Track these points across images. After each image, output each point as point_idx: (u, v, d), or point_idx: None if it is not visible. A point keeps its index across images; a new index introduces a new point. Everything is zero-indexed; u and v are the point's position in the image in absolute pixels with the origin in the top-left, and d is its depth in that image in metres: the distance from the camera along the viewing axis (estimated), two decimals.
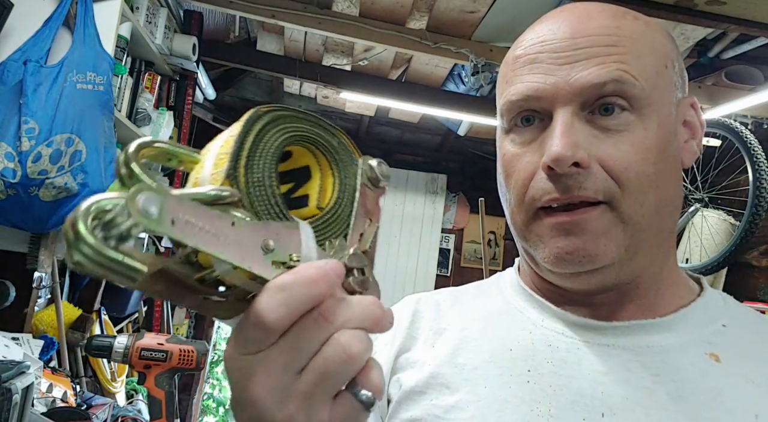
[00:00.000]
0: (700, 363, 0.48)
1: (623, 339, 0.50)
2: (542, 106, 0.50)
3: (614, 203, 0.48)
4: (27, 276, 1.94)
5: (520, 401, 0.49)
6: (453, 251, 4.33)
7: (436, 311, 0.60)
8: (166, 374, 1.49)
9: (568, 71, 0.49)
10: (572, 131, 0.48)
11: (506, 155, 0.53)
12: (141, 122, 2.32)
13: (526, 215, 0.51)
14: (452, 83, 3.24)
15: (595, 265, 0.49)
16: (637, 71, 0.48)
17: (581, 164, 0.47)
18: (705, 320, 0.52)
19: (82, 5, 1.75)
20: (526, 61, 0.51)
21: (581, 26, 0.50)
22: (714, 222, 2.77)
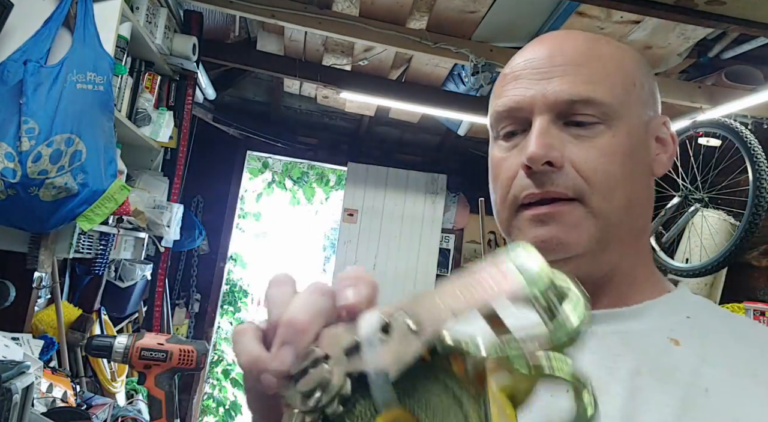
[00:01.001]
0: (660, 345, 0.54)
1: (593, 327, 0.55)
2: (523, 115, 0.57)
3: (584, 200, 0.54)
4: (27, 276, 1.94)
5: None
6: (453, 251, 4.33)
7: None
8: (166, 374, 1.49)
9: (545, 85, 0.56)
10: (547, 134, 0.55)
11: (493, 160, 0.61)
12: (141, 122, 2.32)
13: (509, 212, 0.58)
14: (452, 83, 3.24)
15: (568, 253, 0.55)
16: (606, 88, 0.55)
17: (554, 164, 0.54)
18: (670, 311, 0.57)
19: (82, 5, 1.75)
20: (511, 78, 0.59)
21: (559, 48, 0.58)
22: (714, 222, 2.77)
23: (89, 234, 2.00)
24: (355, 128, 4.34)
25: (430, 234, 4.25)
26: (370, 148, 4.36)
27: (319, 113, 4.24)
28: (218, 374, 4.60)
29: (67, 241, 1.84)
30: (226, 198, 4.08)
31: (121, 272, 2.80)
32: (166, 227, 2.42)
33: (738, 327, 0.57)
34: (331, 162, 4.40)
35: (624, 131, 0.56)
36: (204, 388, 4.31)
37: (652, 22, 2.24)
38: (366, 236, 4.21)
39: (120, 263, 2.79)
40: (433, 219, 4.26)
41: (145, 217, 2.30)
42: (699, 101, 2.73)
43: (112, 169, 1.78)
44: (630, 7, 2.00)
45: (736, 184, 2.54)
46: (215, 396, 4.53)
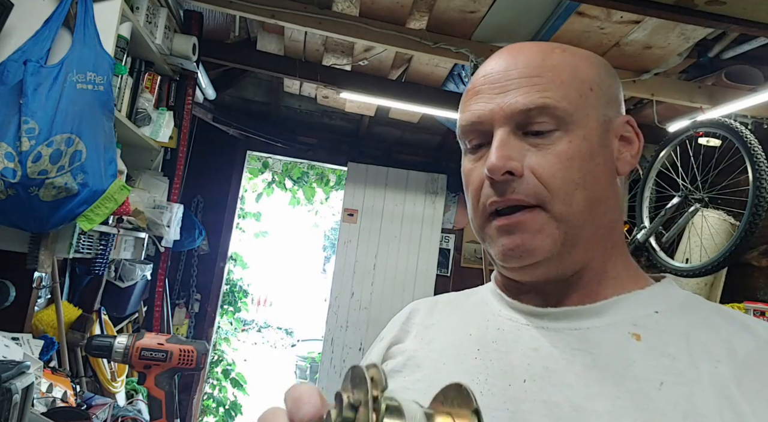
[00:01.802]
0: (619, 340, 0.56)
1: (556, 322, 0.59)
2: (485, 128, 0.60)
3: (545, 206, 0.57)
4: (27, 276, 1.94)
5: (465, 372, 0.59)
6: (453, 251, 4.33)
7: (431, 310, 0.72)
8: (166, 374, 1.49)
9: (502, 99, 0.59)
10: (506, 146, 0.58)
11: (464, 171, 0.65)
12: (141, 121, 2.32)
13: (481, 219, 0.61)
14: (452, 83, 3.24)
15: (535, 258, 0.58)
16: (559, 95, 0.58)
17: (514, 173, 0.57)
18: (638, 306, 0.59)
19: (82, 5, 1.75)
20: (472, 93, 0.62)
21: (513, 61, 0.60)
22: (714, 222, 2.77)
23: (89, 234, 2.00)
24: (355, 128, 4.34)
25: (430, 234, 4.25)
26: (370, 148, 4.36)
27: (319, 113, 4.24)
28: (218, 374, 4.60)
29: (67, 241, 1.84)
30: (226, 198, 4.08)
31: (121, 272, 2.80)
32: (166, 227, 2.42)
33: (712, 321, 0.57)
34: (331, 162, 4.40)
35: (581, 135, 0.58)
36: (204, 388, 4.31)
37: (652, 22, 2.24)
38: (366, 236, 4.21)
39: (120, 263, 2.79)
40: (433, 219, 4.26)
41: (145, 217, 2.30)
42: (699, 101, 2.73)
43: (112, 169, 1.78)
44: (630, 7, 2.00)
45: (736, 184, 2.54)
46: (215, 396, 4.53)
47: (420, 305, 0.73)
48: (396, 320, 0.73)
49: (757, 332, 0.55)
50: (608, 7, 2.07)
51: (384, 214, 4.23)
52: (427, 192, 4.27)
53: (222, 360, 4.69)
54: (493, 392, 0.57)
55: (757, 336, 0.54)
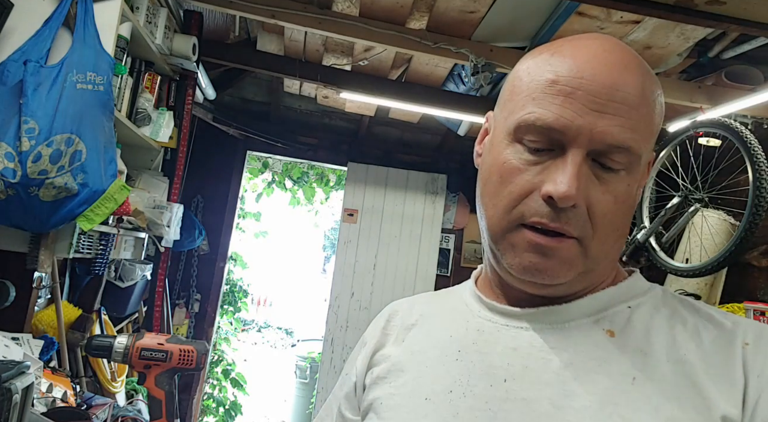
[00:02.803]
0: (595, 337, 0.57)
1: (533, 322, 0.60)
2: (559, 138, 0.55)
3: (583, 241, 0.56)
4: (27, 276, 1.94)
5: (447, 374, 0.61)
6: (453, 251, 4.33)
7: (409, 311, 0.72)
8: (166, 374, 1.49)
9: (596, 119, 0.54)
10: (580, 174, 0.54)
11: (506, 164, 0.58)
12: (141, 121, 2.32)
13: (508, 224, 0.58)
14: (452, 83, 3.24)
15: (554, 282, 0.58)
16: (644, 139, 0.56)
17: (576, 206, 0.55)
18: (610, 303, 0.60)
19: (82, 5, 1.75)
20: (561, 91, 0.55)
21: (620, 78, 0.54)
22: (714, 222, 2.77)
23: (89, 234, 2.00)
24: (355, 128, 4.34)
25: (430, 234, 4.25)
26: (370, 148, 4.36)
27: (319, 113, 4.24)
28: (218, 374, 4.60)
29: (67, 241, 1.84)
30: (226, 198, 4.08)
31: (121, 272, 2.80)
32: (166, 227, 2.42)
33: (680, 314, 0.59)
34: (331, 162, 4.40)
35: (636, 179, 0.58)
36: (204, 388, 4.31)
37: (652, 22, 2.24)
38: (366, 236, 4.21)
39: (120, 263, 2.79)
40: (433, 219, 4.26)
41: (145, 217, 2.30)
42: (699, 101, 2.73)
43: (112, 169, 1.78)
44: (630, 7, 2.00)
45: (736, 184, 2.54)
46: (215, 396, 4.53)
47: (398, 307, 0.74)
48: (376, 324, 0.73)
49: (720, 323, 0.57)
50: (608, 7, 2.07)
51: (384, 214, 4.23)
52: (427, 192, 4.27)
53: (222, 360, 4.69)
54: (475, 393, 0.58)
55: (719, 326, 0.57)
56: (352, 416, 0.70)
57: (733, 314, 0.60)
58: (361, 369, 0.70)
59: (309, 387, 5.23)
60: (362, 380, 0.69)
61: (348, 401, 0.71)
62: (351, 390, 0.71)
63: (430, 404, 0.59)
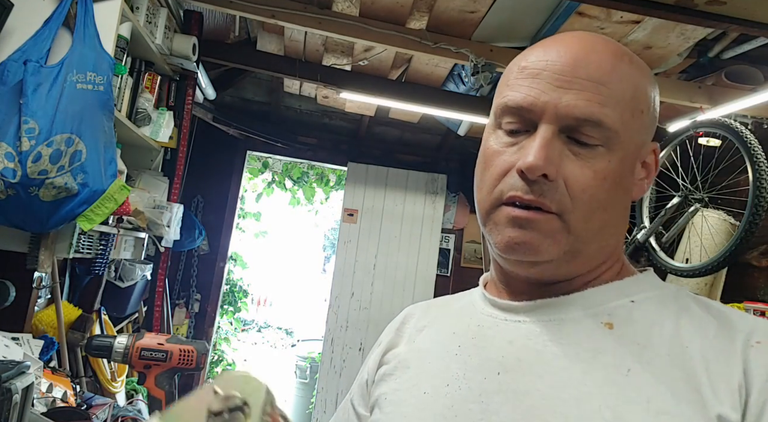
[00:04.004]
0: (591, 329, 0.57)
1: (531, 315, 0.61)
2: (530, 117, 0.58)
3: (564, 216, 0.56)
4: (27, 276, 1.94)
5: (446, 368, 0.62)
6: (453, 251, 4.33)
7: (424, 313, 0.74)
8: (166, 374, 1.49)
9: (561, 95, 0.56)
10: (549, 146, 0.56)
11: (488, 150, 0.61)
12: (141, 122, 2.32)
13: (490, 205, 0.60)
14: (452, 83, 3.24)
15: (537, 258, 0.58)
16: (616, 113, 0.56)
17: (548, 177, 0.55)
18: (612, 297, 0.59)
19: (82, 5, 1.75)
20: (529, 74, 0.58)
21: (584, 57, 0.57)
22: (714, 222, 2.77)
23: (89, 234, 2.00)
24: (355, 128, 4.34)
25: (430, 234, 4.25)
26: (370, 148, 4.36)
27: (319, 113, 4.24)
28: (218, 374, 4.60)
29: (67, 241, 1.84)
30: (226, 198, 4.08)
31: (121, 272, 2.80)
32: (166, 227, 2.42)
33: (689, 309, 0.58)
34: (331, 162, 4.40)
35: (619, 157, 0.57)
36: None
37: (652, 22, 2.24)
38: (366, 236, 4.21)
39: (120, 263, 2.79)
40: (433, 219, 4.26)
41: (145, 217, 2.30)
42: (699, 101, 2.73)
43: (112, 169, 1.78)
44: (630, 7, 2.00)
45: (736, 184, 2.54)
46: None
47: (414, 310, 0.76)
48: (392, 325, 0.76)
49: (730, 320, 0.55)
50: (608, 7, 2.07)
51: (384, 214, 4.23)
52: (427, 192, 4.27)
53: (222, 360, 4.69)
54: (470, 386, 0.59)
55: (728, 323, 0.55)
56: (363, 412, 0.72)
57: (752, 316, 0.57)
58: (372, 367, 0.72)
59: (309, 387, 5.23)
60: (372, 376, 0.71)
61: (362, 398, 0.73)
62: (363, 386, 0.73)
63: (428, 398, 0.61)
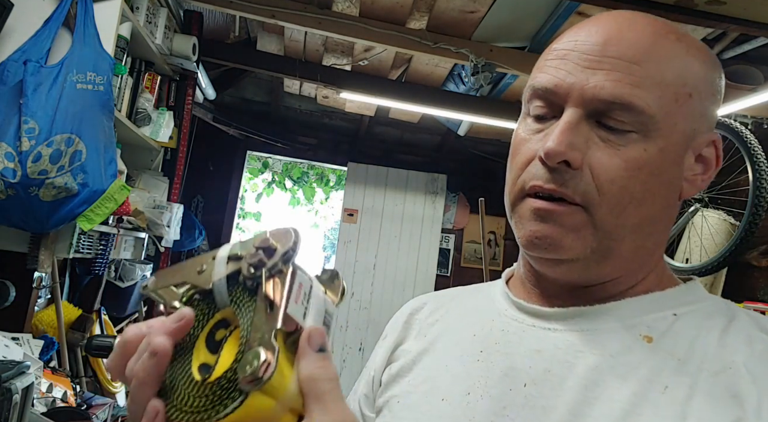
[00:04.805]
0: (628, 342, 0.52)
1: (563, 323, 0.55)
2: (556, 101, 0.53)
3: (590, 209, 0.51)
4: (27, 276, 1.94)
5: (467, 375, 0.57)
6: (453, 251, 4.33)
7: (434, 307, 0.68)
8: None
9: (588, 76, 0.51)
10: (573, 131, 0.51)
11: (516, 138, 0.57)
12: (141, 121, 2.32)
13: (515, 196, 0.56)
14: (452, 83, 3.24)
15: (560, 255, 0.53)
16: (652, 96, 0.50)
17: (572, 164, 0.50)
18: (652, 308, 0.54)
19: (82, 5, 1.75)
20: (557, 55, 0.54)
21: (617, 35, 0.52)
22: (714, 222, 2.77)
23: (89, 234, 2.00)
24: (355, 128, 4.34)
25: (430, 234, 4.25)
26: (370, 148, 4.36)
27: (319, 113, 4.24)
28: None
29: (67, 241, 1.84)
30: (226, 198, 4.08)
31: (121, 272, 2.80)
32: (166, 227, 2.42)
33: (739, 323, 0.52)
34: (331, 162, 4.40)
35: (659, 146, 0.51)
36: None
37: None
38: (366, 236, 4.21)
39: (120, 263, 2.79)
40: (433, 219, 4.26)
41: (145, 217, 2.30)
42: None
43: (112, 169, 1.78)
44: (630, 6, 2.00)
45: (736, 184, 2.54)
46: None
47: (422, 302, 0.70)
48: (398, 319, 0.70)
49: None
50: (608, 7, 2.07)
51: (384, 214, 4.23)
52: (427, 192, 4.27)
53: None
54: (492, 395, 0.54)
55: None
56: (370, 413, 0.66)
57: None
58: (380, 364, 0.66)
59: None
60: (380, 374, 0.66)
61: (367, 398, 0.67)
62: (370, 385, 0.67)
63: (446, 405, 0.56)
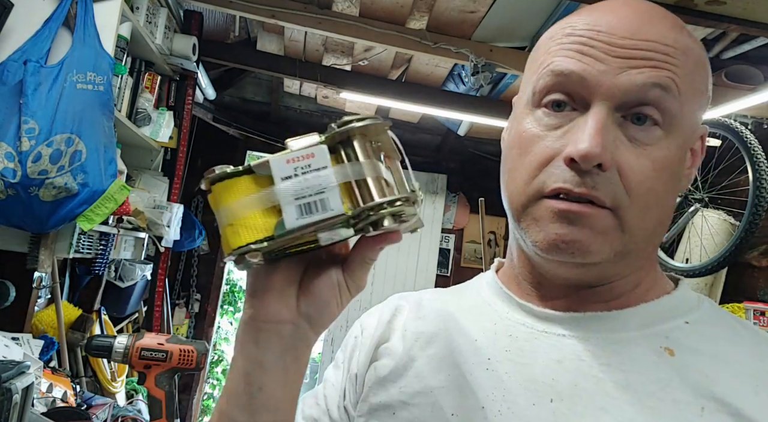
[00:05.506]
0: (652, 356, 0.49)
1: (578, 329, 0.52)
2: (580, 91, 0.49)
3: (619, 212, 0.48)
4: (27, 276, 1.94)
5: (478, 387, 0.51)
6: (453, 251, 4.33)
7: (417, 307, 0.63)
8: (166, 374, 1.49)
9: (620, 65, 0.48)
10: (605, 131, 0.47)
11: (526, 133, 0.52)
12: (141, 122, 2.32)
13: (527, 198, 0.51)
14: (452, 83, 3.24)
15: (585, 260, 0.49)
16: (679, 95, 0.49)
17: (603, 166, 0.47)
18: (666, 316, 0.52)
19: (82, 5, 1.75)
20: (577, 41, 0.50)
21: (643, 29, 0.49)
22: (714, 222, 2.77)
23: (89, 234, 2.00)
24: None
25: (430, 234, 4.25)
26: None
27: (319, 113, 4.24)
28: (218, 374, 4.61)
29: (67, 241, 1.84)
30: None
31: (121, 272, 2.80)
32: (166, 227, 2.42)
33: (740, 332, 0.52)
34: None
35: (677, 144, 0.50)
36: (204, 388, 4.31)
37: None
38: None
39: (120, 263, 2.79)
40: (433, 219, 4.26)
41: (145, 217, 2.30)
42: None
43: (112, 169, 1.78)
44: None
45: (736, 184, 2.54)
46: (215, 396, 4.53)
47: (404, 301, 0.65)
48: (381, 316, 0.65)
49: None
50: None
51: None
52: (427, 192, 4.27)
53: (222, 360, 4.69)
54: (513, 411, 0.49)
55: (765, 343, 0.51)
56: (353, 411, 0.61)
57: None
58: (363, 361, 0.61)
59: (309, 387, 5.23)
60: (363, 373, 0.61)
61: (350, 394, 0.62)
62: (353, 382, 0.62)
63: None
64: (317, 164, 0.40)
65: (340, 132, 0.41)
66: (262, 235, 0.39)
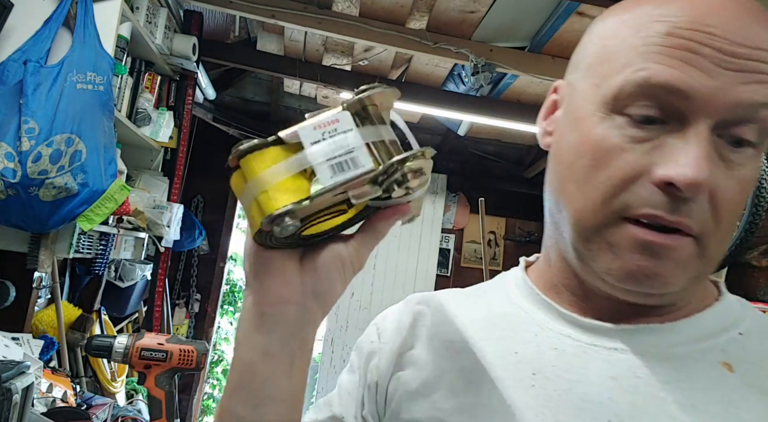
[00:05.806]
0: (712, 372, 0.45)
1: (631, 343, 0.47)
2: (680, 107, 0.42)
3: (703, 239, 0.44)
4: (27, 276, 1.94)
5: (525, 406, 0.47)
6: (453, 251, 4.33)
7: (441, 311, 0.58)
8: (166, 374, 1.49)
9: (732, 81, 0.41)
10: (710, 155, 0.42)
11: (602, 142, 0.45)
12: (141, 121, 2.32)
13: (604, 219, 0.45)
14: (452, 83, 3.24)
15: (662, 290, 0.45)
16: None
17: (701, 193, 0.43)
18: (720, 327, 0.48)
19: (82, 5, 1.75)
20: (680, 46, 0.42)
21: (754, 34, 0.42)
22: None
23: (89, 234, 2.00)
24: None
25: (430, 234, 4.25)
26: None
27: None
28: (218, 374, 4.61)
29: (67, 241, 1.84)
30: (226, 198, 4.08)
31: (121, 272, 2.80)
32: (166, 227, 2.42)
33: None
34: None
35: (761, 160, 0.45)
36: (204, 388, 4.31)
37: None
38: None
39: (120, 263, 2.79)
40: (433, 219, 4.26)
41: (145, 217, 2.30)
42: None
43: (112, 169, 1.78)
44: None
45: None
46: (215, 396, 4.53)
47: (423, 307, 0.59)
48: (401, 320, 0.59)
49: None
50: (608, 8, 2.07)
51: None
52: (427, 192, 4.26)
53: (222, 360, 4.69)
54: None
55: None
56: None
57: None
58: (385, 370, 0.57)
59: (309, 387, 5.24)
60: (385, 384, 0.56)
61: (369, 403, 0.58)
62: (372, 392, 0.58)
63: None
64: (343, 128, 0.42)
65: (359, 99, 0.43)
66: (300, 196, 0.40)
